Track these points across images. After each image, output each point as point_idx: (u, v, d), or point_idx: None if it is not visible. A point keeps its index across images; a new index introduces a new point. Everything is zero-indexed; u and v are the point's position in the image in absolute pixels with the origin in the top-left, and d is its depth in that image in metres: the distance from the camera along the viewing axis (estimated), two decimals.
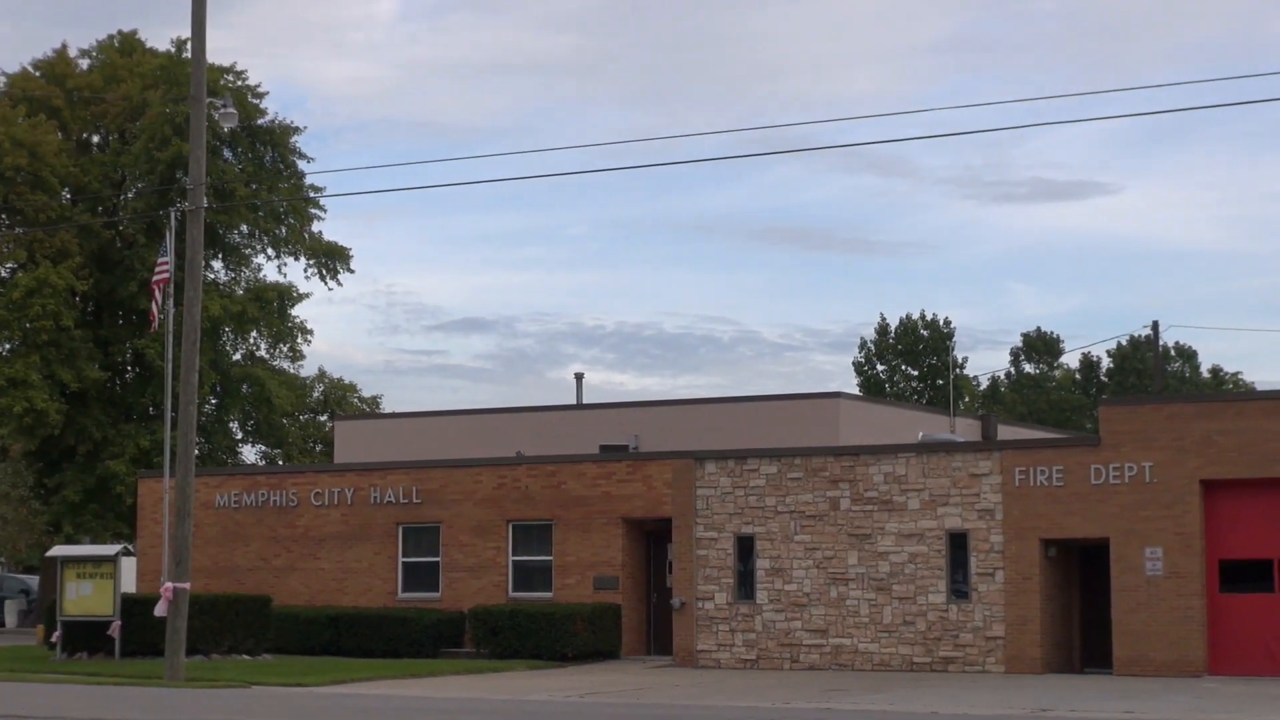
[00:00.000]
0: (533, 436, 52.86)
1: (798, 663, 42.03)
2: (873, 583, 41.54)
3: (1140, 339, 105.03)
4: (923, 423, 54.39)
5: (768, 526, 42.73)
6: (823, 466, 42.34)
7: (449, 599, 46.74)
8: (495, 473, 46.92)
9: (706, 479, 43.56)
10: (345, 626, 46.39)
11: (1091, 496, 39.54)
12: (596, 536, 45.24)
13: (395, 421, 60.24)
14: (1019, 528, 40.16)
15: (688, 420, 52.17)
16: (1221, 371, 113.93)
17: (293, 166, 70.92)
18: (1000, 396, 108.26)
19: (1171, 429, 39.02)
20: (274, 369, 72.66)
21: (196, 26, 39.25)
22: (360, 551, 48.16)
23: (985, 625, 40.32)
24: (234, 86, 67.67)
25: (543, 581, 46.01)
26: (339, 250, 71.80)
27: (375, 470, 48.82)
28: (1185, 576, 38.52)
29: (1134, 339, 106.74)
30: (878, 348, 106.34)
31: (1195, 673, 38.01)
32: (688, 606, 43.42)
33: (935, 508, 41.06)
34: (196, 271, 38.99)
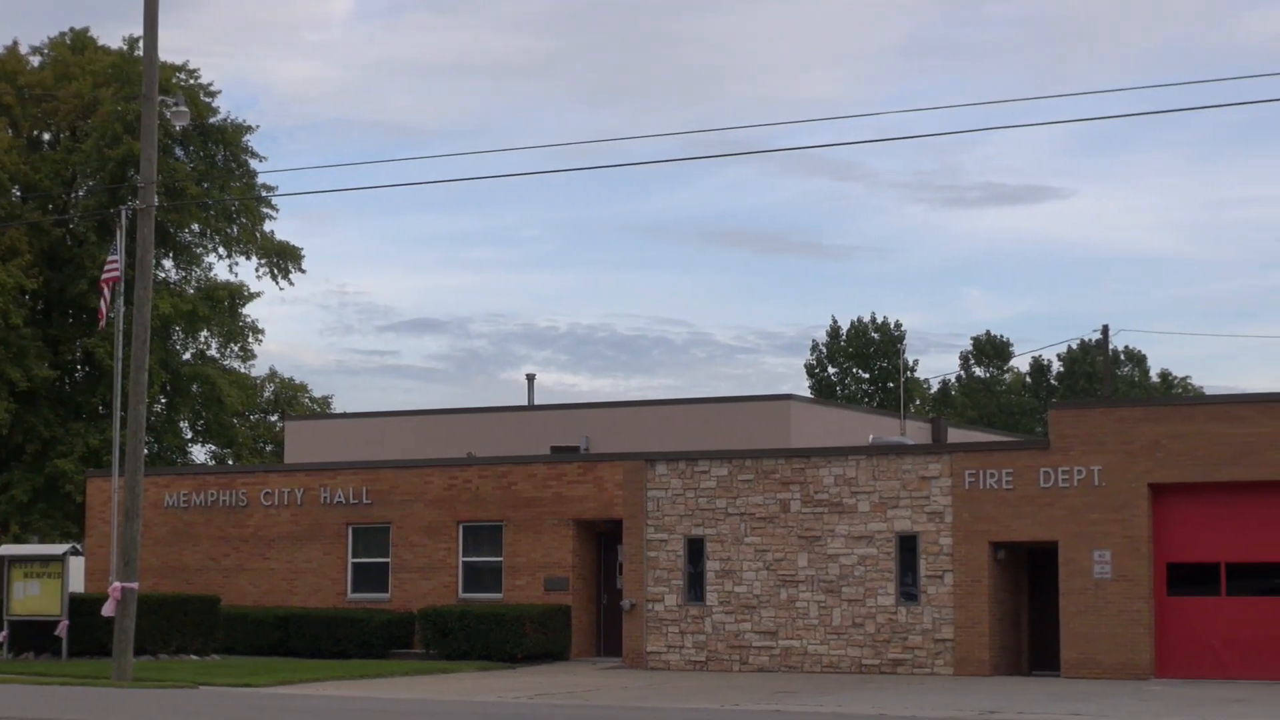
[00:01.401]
0: (484, 437, 52.80)
1: (747, 665, 42.09)
2: (822, 585, 41.62)
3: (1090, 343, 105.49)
4: (873, 425, 54.51)
5: (718, 528, 42.78)
6: (773, 469, 42.41)
7: (399, 600, 46.67)
8: (446, 473, 46.86)
9: (657, 481, 43.58)
10: (294, 627, 46.29)
11: (1040, 499, 39.69)
12: (547, 538, 45.22)
13: (346, 422, 60.11)
14: (968, 530, 40.29)
15: (639, 422, 52.19)
16: (1171, 376, 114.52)
17: (245, 165, 70.81)
18: (951, 400, 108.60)
19: (1120, 433, 39.19)
20: (224, 368, 72.50)
21: (149, 25, 39.10)
22: (310, 552, 48.05)
23: (934, 627, 40.44)
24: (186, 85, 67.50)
25: (493, 582, 45.97)
26: (290, 250, 71.69)
27: (325, 470, 48.71)
28: (1133, 579, 38.69)
29: (1084, 343, 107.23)
30: (829, 350, 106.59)
31: (1142, 675, 38.18)
32: (638, 608, 43.44)
33: (885, 510, 41.16)
34: (147, 270, 38.85)
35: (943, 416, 75.33)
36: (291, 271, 71.89)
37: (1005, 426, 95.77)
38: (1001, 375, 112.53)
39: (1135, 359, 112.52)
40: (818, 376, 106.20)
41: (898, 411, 67.12)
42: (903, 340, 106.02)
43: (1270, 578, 38.72)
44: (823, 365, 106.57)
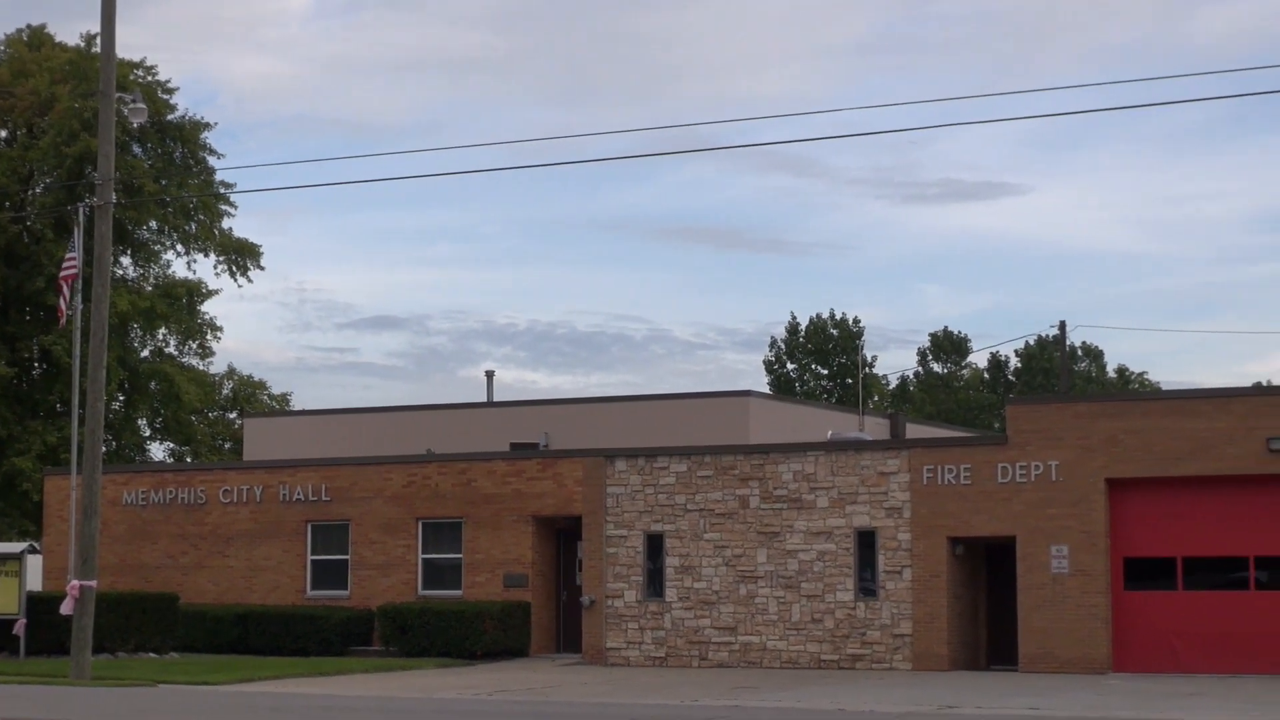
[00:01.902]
0: (443, 434, 52.79)
1: (706, 660, 42.16)
2: (781, 580, 41.71)
3: (1047, 339, 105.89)
4: (832, 421, 54.63)
5: (677, 524, 42.84)
6: (732, 465, 42.49)
7: (358, 597, 46.63)
8: (405, 470, 46.83)
9: (617, 477, 43.63)
10: (253, 624, 46.21)
11: (998, 495, 39.84)
12: (507, 534, 45.22)
13: (305, 419, 60.01)
14: (926, 526, 40.42)
15: (599, 418, 52.24)
16: (1127, 371, 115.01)
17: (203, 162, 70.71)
18: (909, 396, 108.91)
19: (1078, 428, 39.36)
20: (183, 366, 72.37)
21: (106, 21, 39.00)
22: (269, 549, 47.97)
23: (893, 623, 40.56)
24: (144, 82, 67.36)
25: (452, 579, 45.94)
26: (249, 247, 71.61)
27: (284, 468, 48.63)
28: (1090, 574, 38.87)
29: (1041, 339, 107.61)
30: (788, 347, 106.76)
31: (1100, 670, 38.36)
32: (597, 604, 43.49)
33: (844, 506, 41.27)
34: (104, 267, 38.75)
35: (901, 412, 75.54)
36: (250, 269, 71.84)
37: (963, 422, 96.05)
38: (959, 371, 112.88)
39: (1092, 354, 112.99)
40: (777, 373, 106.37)
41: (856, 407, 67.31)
42: (861, 336, 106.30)
43: (1226, 572, 38.96)
44: (781, 362, 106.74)
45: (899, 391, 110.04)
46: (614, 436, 48.55)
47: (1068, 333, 78.73)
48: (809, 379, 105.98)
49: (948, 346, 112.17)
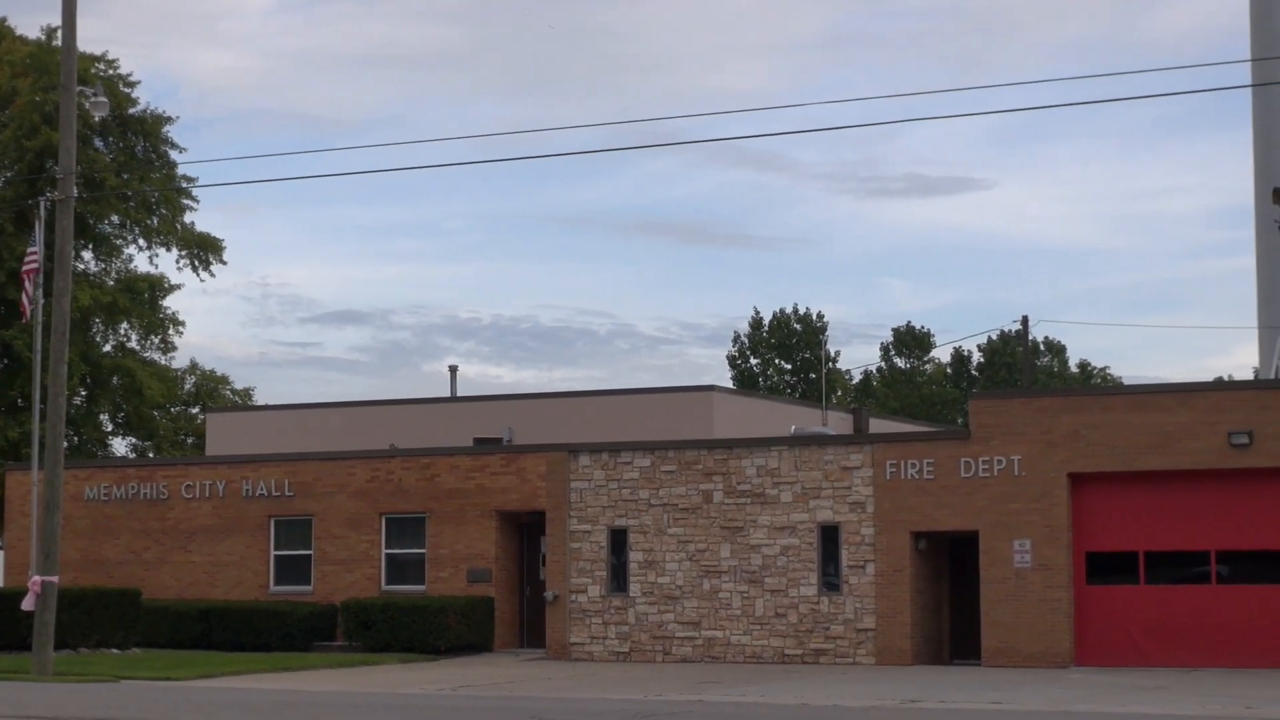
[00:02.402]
0: (407, 429, 52.70)
1: (670, 655, 42.18)
2: (745, 575, 41.75)
3: (1010, 333, 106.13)
4: (795, 416, 54.66)
5: (641, 519, 42.85)
6: (696, 460, 42.50)
7: (321, 592, 46.54)
8: (368, 465, 46.76)
9: (580, 472, 43.62)
10: (216, 620, 46.09)
11: (961, 489, 39.93)
12: (470, 529, 45.19)
13: (268, 414, 59.86)
14: (890, 520, 40.49)
15: (562, 413, 52.21)
16: (1090, 366, 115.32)
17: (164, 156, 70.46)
18: (872, 390, 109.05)
19: (1040, 423, 39.46)
20: (145, 361, 72.08)
21: (67, 14, 38.84)
22: (232, 544, 47.84)
23: (856, 617, 40.62)
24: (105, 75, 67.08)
25: (416, 574, 45.89)
26: (211, 241, 71.39)
27: (247, 463, 48.51)
28: (1053, 568, 38.98)
29: (1004, 333, 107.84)
30: (751, 342, 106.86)
31: (1062, 664, 38.47)
32: (561, 599, 43.47)
33: (807, 501, 41.31)
34: (66, 262, 38.61)
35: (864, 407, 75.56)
36: (212, 263, 71.61)
37: (926, 417, 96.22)
38: (922, 366, 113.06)
39: (1055, 349, 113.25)
40: (740, 367, 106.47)
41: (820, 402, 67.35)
42: (825, 331, 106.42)
43: (1188, 566, 39.10)
44: (745, 356, 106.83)
45: (862, 386, 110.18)
46: (578, 431, 48.53)
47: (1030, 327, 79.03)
48: (772, 374, 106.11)
49: (911, 341, 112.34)
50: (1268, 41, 62.25)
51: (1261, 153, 63.37)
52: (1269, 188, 53.18)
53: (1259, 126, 63.93)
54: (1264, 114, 63.59)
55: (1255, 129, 64.18)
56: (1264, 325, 60.39)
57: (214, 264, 71.59)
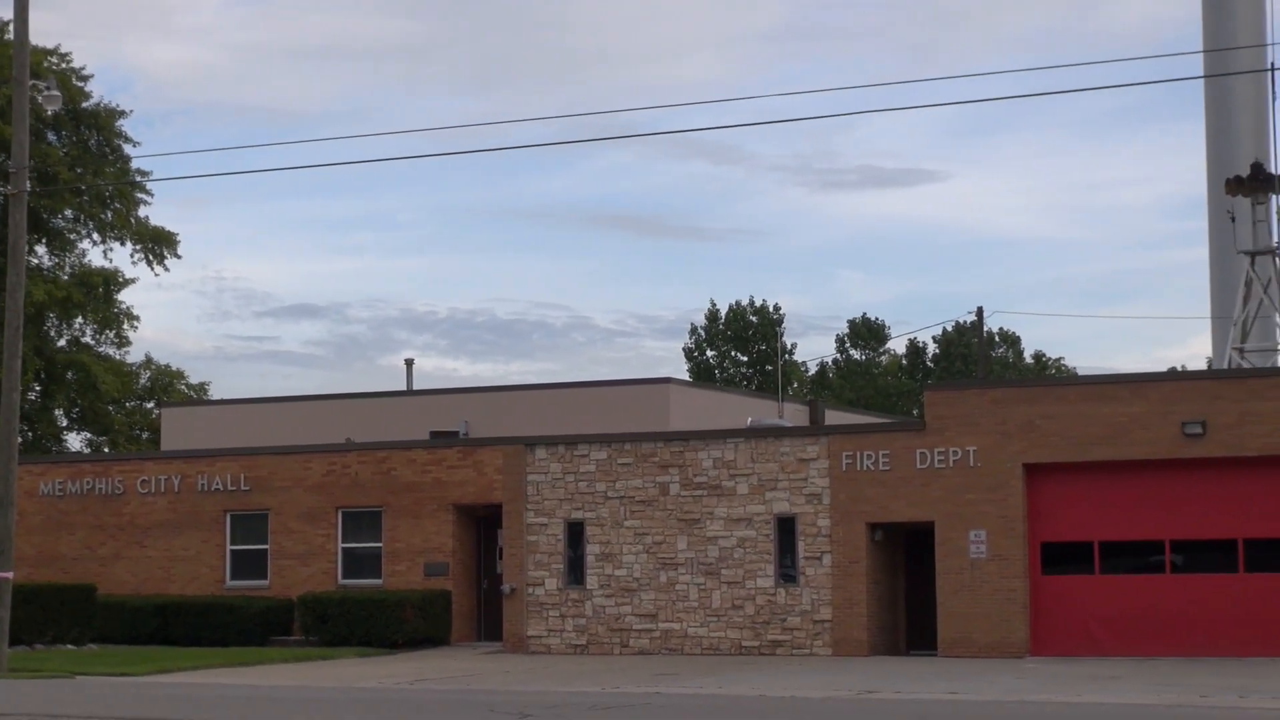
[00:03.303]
0: (363, 423, 52.63)
1: (627, 647, 42.21)
2: (702, 567, 41.80)
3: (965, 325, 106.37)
4: (751, 408, 54.75)
5: (598, 512, 42.87)
6: (652, 452, 42.54)
7: (278, 587, 46.45)
8: (325, 459, 46.68)
9: (537, 465, 43.62)
10: (172, 615, 45.96)
11: (917, 480, 40.04)
12: (427, 523, 45.15)
13: (223, 408, 59.73)
14: (846, 512, 40.58)
15: (519, 406, 52.20)
16: (1044, 357, 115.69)
17: (118, 150, 70.23)
18: (828, 382, 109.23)
19: (995, 414, 39.59)
20: (100, 355, 71.84)
21: (19, 7, 38.67)
22: (188, 539, 47.71)
23: (813, 609, 40.71)
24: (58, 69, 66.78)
25: (373, 568, 45.84)
26: (166, 235, 71.14)
27: (203, 457, 48.38)
28: (1008, 559, 39.12)
29: (959, 325, 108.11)
30: (708, 334, 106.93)
31: (1018, 654, 38.62)
32: (518, 592, 43.47)
33: (763, 492, 41.38)
34: (19, 256, 38.45)
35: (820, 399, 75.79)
36: (167, 257, 71.37)
37: (882, 408, 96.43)
38: (878, 358, 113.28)
39: (1009, 340, 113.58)
40: (696, 360, 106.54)
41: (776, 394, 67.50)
42: (781, 323, 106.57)
43: (1142, 555, 39.30)
44: (701, 349, 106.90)
45: (818, 378, 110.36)
46: (534, 424, 48.52)
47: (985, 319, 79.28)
48: (729, 366, 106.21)
49: (866, 333, 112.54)
50: (1220, 33, 62.51)
51: (1214, 144, 63.61)
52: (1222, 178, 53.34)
53: (1211, 117, 64.18)
54: (1216, 105, 63.84)
55: (1208, 120, 64.43)
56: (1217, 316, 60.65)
57: (168, 258, 71.38)
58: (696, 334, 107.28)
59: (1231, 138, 62.50)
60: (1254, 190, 49.72)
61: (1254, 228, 49.89)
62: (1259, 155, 55.86)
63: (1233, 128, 62.83)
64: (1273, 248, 49.92)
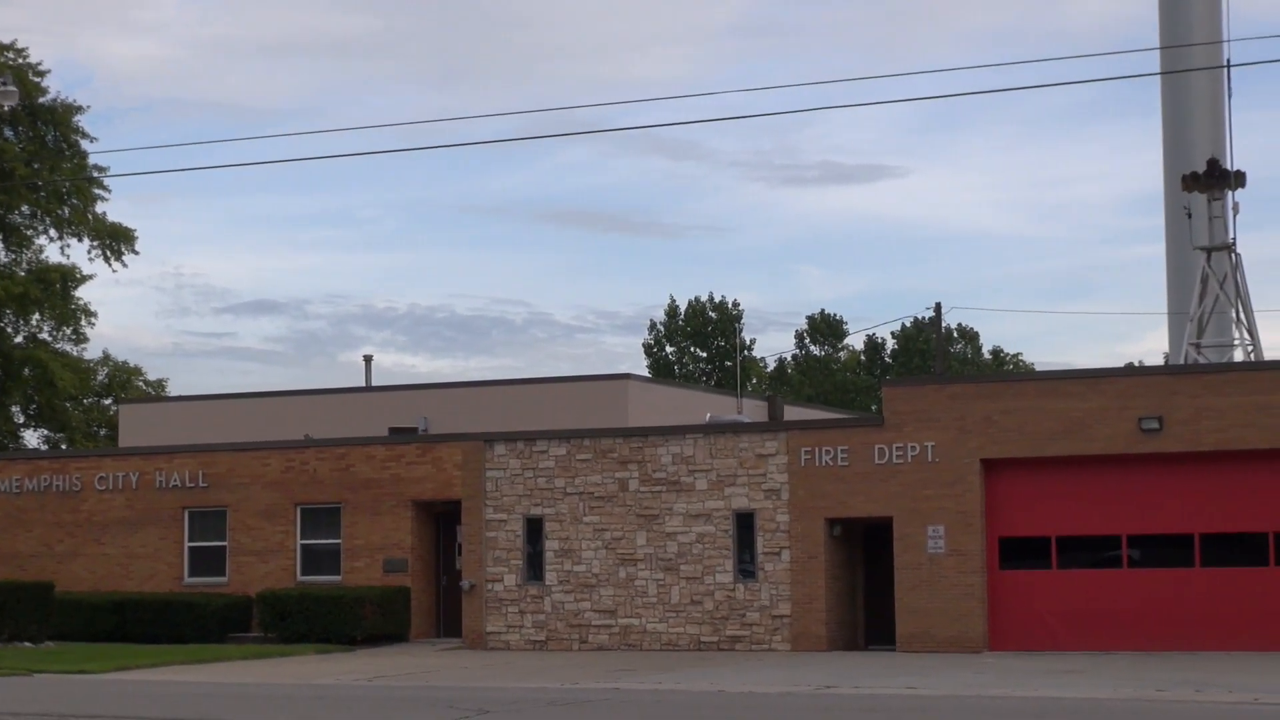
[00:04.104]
0: (322, 419, 52.54)
1: (587, 643, 42.24)
2: (661, 563, 41.85)
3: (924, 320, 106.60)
4: (710, 404, 54.82)
5: (557, 508, 42.88)
6: (611, 448, 42.56)
7: (236, 583, 46.36)
8: (283, 456, 46.59)
9: (496, 461, 43.61)
10: (130, 612, 45.83)
11: (875, 476, 40.13)
12: (386, 519, 45.10)
13: (182, 405, 59.56)
14: (804, 507, 40.66)
15: (478, 402, 52.17)
16: (1002, 353, 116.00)
17: (76, 146, 70.02)
18: (787, 378, 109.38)
19: (953, 409, 39.71)
20: (57, 352, 71.60)
21: None
22: (145, 536, 47.58)
23: (771, 604, 40.79)
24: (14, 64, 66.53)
25: (331, 565, 45.78)
26: (123, 231, 70.95)
27: (160, 454, 48.25)
28: (966, 554, 39.24)
29: (918, 320, 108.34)
30: (667, 330, 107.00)
31: (976, 649, 38.75)
32: (477, 588, 43.46)
33: (722, 488, 41.44)
34: None
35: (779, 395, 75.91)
36: (125, 253, 71.20)
37: (841, 404, 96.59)
38: (837, 353, 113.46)
39: (968, 336, 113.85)
40: (656, 356, 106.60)
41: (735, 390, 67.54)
42: (740, 319, 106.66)
43: (1099, 550, 39.46)
44: (661, 344, 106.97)
45: (777, 374, 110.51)
46: (493, 421, 48.51)
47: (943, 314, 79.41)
48: (688, 362, 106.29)
49: (825, 329, 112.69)
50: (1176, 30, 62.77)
51: (1171, 140, 63.88)
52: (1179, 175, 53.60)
53: (1168, 114, 64.44)
54: (1173, 102, 64.11)
55: (1164, 117, 64.70)
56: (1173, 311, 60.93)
57: (126, 254, 71.22)
58: (656, 330, 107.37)
59: (1188, 134, 62.79)
60: (1210, 186, 49.98)
61: (1210, 224, 50.15)
62: (1215, 152, 56.17)
63: (1189, 124, 63.12)
64: (1228, 243, 50.18)
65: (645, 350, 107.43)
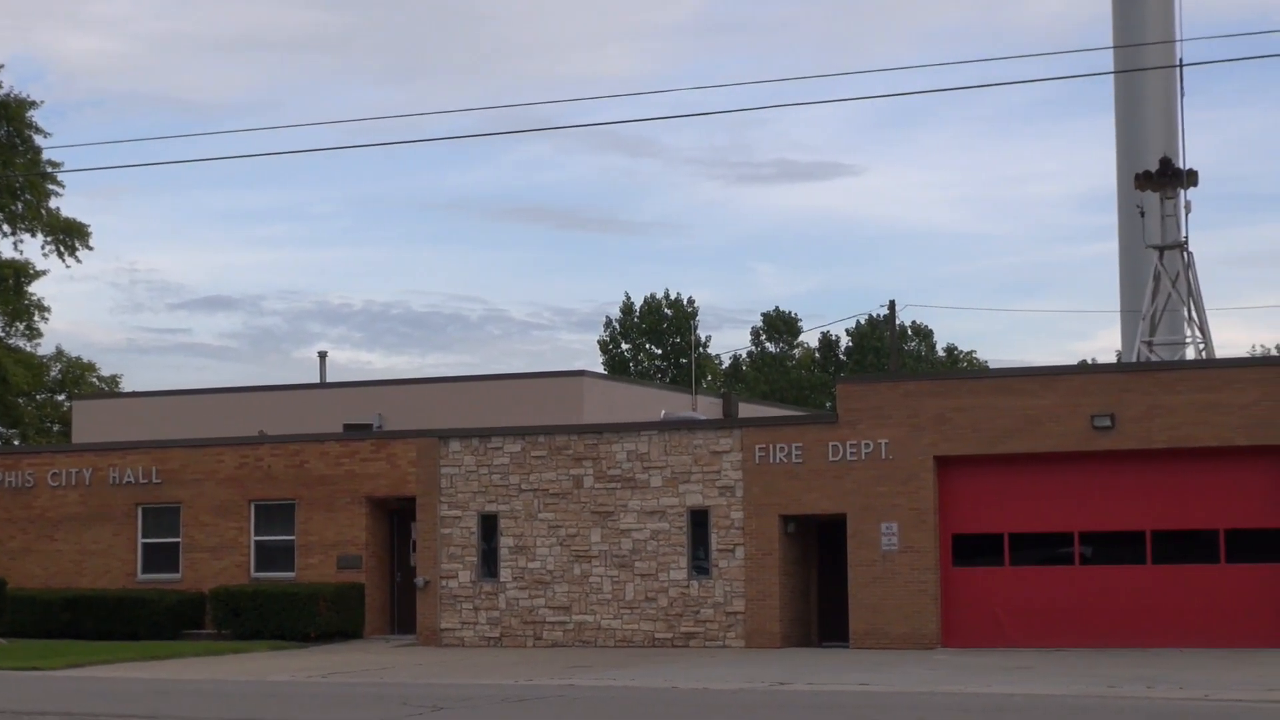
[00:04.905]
0: (276, 415, 52.44)
1: (541, 640, 42.26)
2: (615, 560, 41.89)
3: (878, 318, 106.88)
4: (665, 401, 54.88)
5: (511, 505, 42.89)
6: (566, 445, 42.58)
7: (190, 580, 46.24)
8: (237, 452, 46.49)
9: (451, 457, 43.60)
10: (84, 609, 45.69)
11: (829, 473, 40.23)
12: (340, 516, 45.05)
13: (135, 401, 59.37)
14: (759, 504, 40.73)
15: (433, 399, 52.14)
16: (956, 350, 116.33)
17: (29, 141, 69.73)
18: (742, 375, 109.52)
19: (907, 407, 39.83)
20: (10, 348, 71.32)
21: None
22: (99, 533, 47.43)
23: (726, 601, 40.86)
24: None
25: (285, 561, 45.69)
26: (77, 227, 70.74)
27: (114, 450, 48.09)
28: (919, 551, 39.37)
29: (872, 318, 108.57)
30: (623, 327, 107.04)
31: (929, 645, 38.88)
32: (432, 585, 43.44)
33: (677, 485, 41.50)
34: None
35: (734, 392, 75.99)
36: (79, 249, 70.98)
37: (795, 401, 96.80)
38: (791, 350, 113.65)
39: (922, 333, 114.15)
40: (611, 353, 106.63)
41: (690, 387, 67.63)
42: (695, 316, 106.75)
43: (1052, 547, 39.61)
44: (616, 341, 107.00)
45: (732, 371, 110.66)
46: (448, 417, 48.49)
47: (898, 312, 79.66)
48: (643, 359, 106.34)
49: (780, 326, 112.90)
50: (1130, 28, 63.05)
51: (1124, 139, 64.18)
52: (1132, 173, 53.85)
53: (1122, 113, 64.75)
54: (1126, 101, 64.41)
55: (1118, 115, 65.00)
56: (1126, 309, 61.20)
57: (80, 250, 70.99)
58: (611, 327, 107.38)
59: (1141, 133, 63.09)
60: (1162, 185, 50.21)
61: (1162, 222, 50.39)
62: (1168, 150, 56.42)
63: (1142, 123, 63.42)
64: (1181, 242, 50.42)
65: (601, 347, 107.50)
